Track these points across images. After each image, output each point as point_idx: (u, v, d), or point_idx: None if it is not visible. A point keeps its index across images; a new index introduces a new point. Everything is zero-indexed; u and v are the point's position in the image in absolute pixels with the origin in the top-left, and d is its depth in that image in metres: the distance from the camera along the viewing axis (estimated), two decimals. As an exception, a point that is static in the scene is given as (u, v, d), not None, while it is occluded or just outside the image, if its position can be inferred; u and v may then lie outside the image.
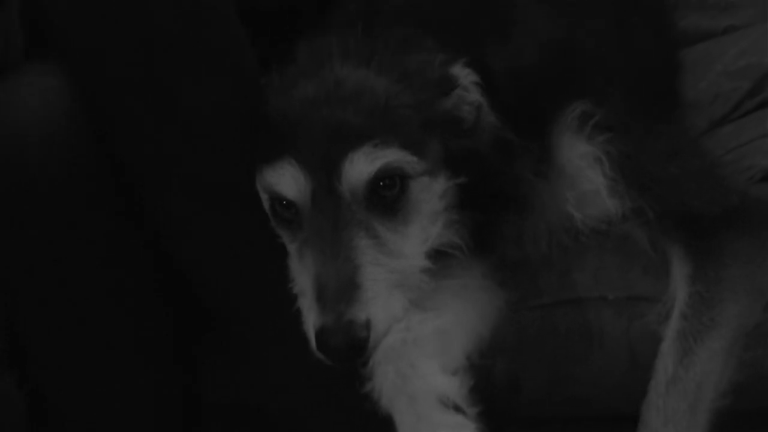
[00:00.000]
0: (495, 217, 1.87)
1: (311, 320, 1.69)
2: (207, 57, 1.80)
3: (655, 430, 1.78)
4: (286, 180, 1.74)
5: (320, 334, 1.67)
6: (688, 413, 1.78)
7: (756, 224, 1.91)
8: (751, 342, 1.86)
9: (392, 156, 1.72)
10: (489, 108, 1.80)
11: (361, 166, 1.71)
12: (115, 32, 1.75)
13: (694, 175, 1.94)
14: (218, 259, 1.83)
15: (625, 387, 1.91)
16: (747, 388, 1.82)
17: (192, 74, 1.78)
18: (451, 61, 1.81)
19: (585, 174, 1.89)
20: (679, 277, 1.88)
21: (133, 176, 1.81)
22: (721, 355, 1.82)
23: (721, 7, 2.56)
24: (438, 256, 1.81)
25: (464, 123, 1.79)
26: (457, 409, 1.69)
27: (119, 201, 1.82)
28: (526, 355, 1.95)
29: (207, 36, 1.80)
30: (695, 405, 1.79)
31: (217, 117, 1.80)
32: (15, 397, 1.88)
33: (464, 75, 1.79)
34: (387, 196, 1.74)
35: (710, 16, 2.55)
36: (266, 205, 1.80)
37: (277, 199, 1.77)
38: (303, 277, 1.74)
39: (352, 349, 1.68)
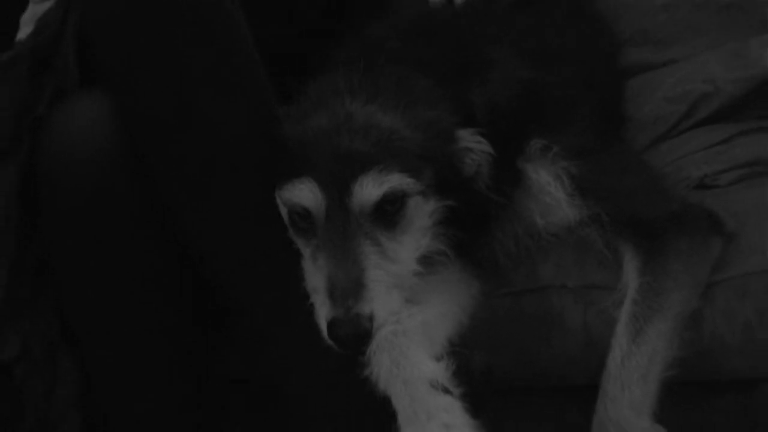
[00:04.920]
0: (473, 228, 1.85)
1: (323, 313, 1.68)
2: (232, 89, 1.77)
3: (614, 396, 1.75)
4: (305, 194, 1.71)
5: (332, 325, 1.66)
6: (641, 382, 1.75)
7: (694, 226, 1.88)
8: (690, 324, 1.82)
9: (395, 181, 1.70)
10: (487, 173, 1.80)
11: (370, 189, 1.69)
12: (153, 67, 1.73)
13: (641, 186, 1.94)
14: (241, 261, 1.79)
15: (581, 362, 1.90)
16: (687, 362, 1.78)
17: (219, 104, 1.75)
18: (463, 124, 1.79)
19: (547, 191, 1.87)
20: (630, 269, 1.85)
21: (166, 190, 1.77)
22: (666, 334, 1.78)
23: (662, 43, 2.53)
24: (426, 260, 1.80)
25: (463, 170, 1.78)
26: (446, 390, 1.66)
27: (154, 210, 1.79)
28: (498, 335, 1.92)
29: (233, 71, 1.78)
30: (646, 375, 1.75)
31: (241, 140, 1.77)
32: (70, 374, 1.82)
33: (475, 141, 1.78)
34: (389, 210, 1.71)
35: (653, 51, 2.52)
36: (285, 216, 1.77)
37: (295, 210, 1.74)
38: (316, 277, 1.71)
39: (358, 338, 1.66)
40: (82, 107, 1.77)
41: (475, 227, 1.84)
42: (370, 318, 1.66)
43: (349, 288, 1.66)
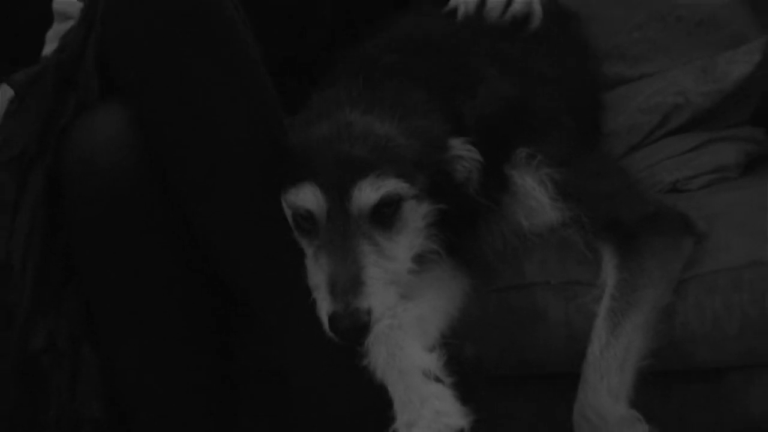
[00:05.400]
0: (464, 230, 1.86)
1: (325, 308, 1.69)
2: (240, 100, 1.77)
3: (593, 384, 1.75)
4: (309, 197, 1.72)
5: (332, 318, 1.67)
6: (618, 371, 1.75)
7: (667, 227, 1.89)
8: (663, 317, 1.83)
9: (391, 185, 1.72)
10: (477, 179, 1.81)
11: (368, 193, 1.71)
12: (166, 82, 1.75)
13: (618, 190, 1.94)
14: (250, 260, 1.79)
15: (564, 352, 1.90)
16: (661, 352, 1.80)
17: (228, 114, 1.76)
18: (455, 133, 1.81)
19: (532, 195, 1.88)
20: (608, 267, 1.86)
21: (182, 194, 1.79)
22: (642, 327, 1.79)
23: (637, 58, 2.51)
24: (420, 259, 1.80)
25: (454, 176, 1.79)
26: (438, 379, 1.67)
27: (170, 214, 1.80)
28: (487, 328, 1.92)
29: (241, 83, 1.78)
30: (623, 365, 1.76)
31: (249, 148, 1.78)
32: (92, 367, 1.82)
33: (466, 149, 1.80)
34: (385, 212, 1.73)
35: (629, 66, 2.51)
36: (290, 218, 1.77)
37: (299, 213, 1.75)
38: (318, 274, 1.72)
39: (357, 330, 1.68)
40: (102, 118, 1.78)
41: (466, 228, 1.85)
42: (368, 312, 1.67)
43: (348, 284, 1.67)
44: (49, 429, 1.82)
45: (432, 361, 1.69)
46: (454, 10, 2.19)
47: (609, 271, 1.85)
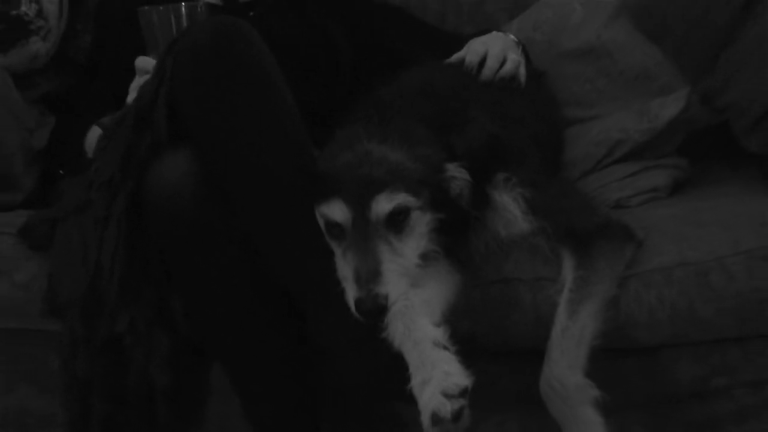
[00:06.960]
0: (457, 235, 1.96)
1: (352, 294, 1.80)
2: (282, 141, 1.89)
3: (556, 358, 1.85)
4: (337, 210, 1.83)
5: (358, 302, 1.79)
6: (575, 348, 1.86)
7: (614, 235, 2.00)
8: (610, 306, 1.95)
9: (402, 198, 1.83)
10: (467, 195, 1.91)
11: (383, 205, 1.83)
12: (223, 127, 1.86)
13: (575, 206, 2.05)
14: (294, 259, 1.90)
15: (533, 333, 1.99)
16: (608, 334, 1.91)
17: (273, 150, 1.88)
18: (450, 159, 1.91)
19: (508, 209, 1.97)
20: (567, 266, 1.96)
21: (239, 213, 1.89)
22: (593, 314, 1.90)
23: (588, 104, 2.67)
24: (424, 256, 1.90)
25: (450, 192, 1.90)
26: (445, 348, 1.76)
27: (234, 233, 1.90)
28: (475, 314, 2.03)
29: (281, 128, 1.90)
30: (579, 343, 1.87)
31: (290, 177, 1.89)
32: (164, 346, 1.95)
33: (458, 172, 1.90)
34: (397, 220, 1.84)
35: (582, 110, 2.66)
36: (322, 226, 1.89)
37: (329, 222, 1.86)
38: (346, 268, 1.83)
39: (378, 311, 1.79)
40: (172, 157, 1.89)
41: (459, 234, 1.95)
42: (386, 297, 1.78)
43: (370, 275, 1.78)
44: (128, 395, 1.93)
45: (440, 333, 1.77)
46: (454, 62, 2.34)
47: (568, 270, 1.95)
